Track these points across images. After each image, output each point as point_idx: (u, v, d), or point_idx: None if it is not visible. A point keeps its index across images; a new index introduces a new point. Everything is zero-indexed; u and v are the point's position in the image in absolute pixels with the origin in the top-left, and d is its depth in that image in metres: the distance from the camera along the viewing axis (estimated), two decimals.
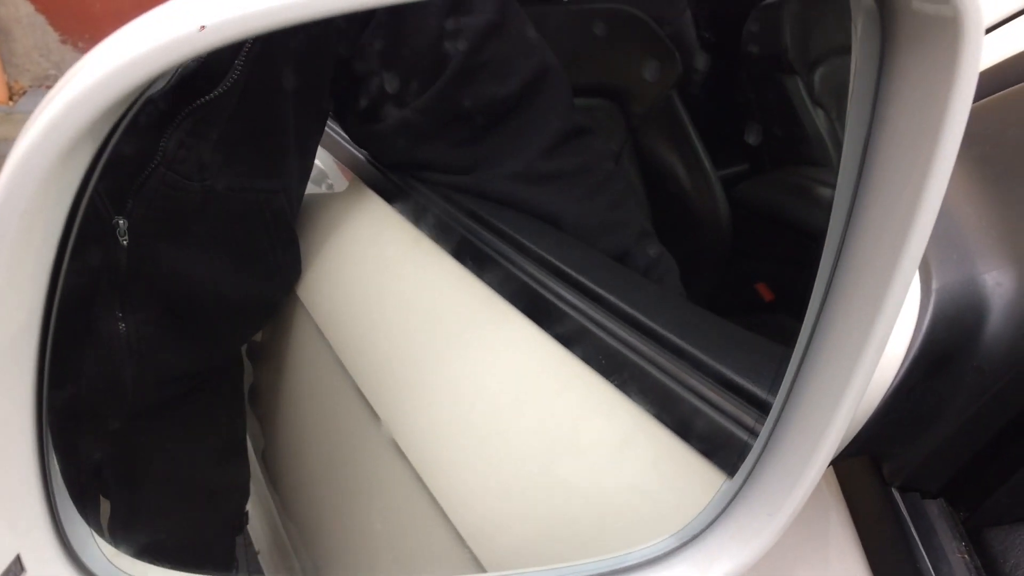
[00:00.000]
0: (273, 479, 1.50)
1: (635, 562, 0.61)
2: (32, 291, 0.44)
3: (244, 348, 1.42)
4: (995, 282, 0.57)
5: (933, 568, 0.54)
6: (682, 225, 1.51)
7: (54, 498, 0.48)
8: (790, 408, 0.57)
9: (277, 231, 1.17)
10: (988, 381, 0.56)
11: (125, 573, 0.53)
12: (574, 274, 0.92)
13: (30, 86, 4.55)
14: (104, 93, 0.38)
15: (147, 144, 0.99)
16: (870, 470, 0.61)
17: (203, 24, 0.37)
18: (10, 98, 4.76)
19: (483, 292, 0.98)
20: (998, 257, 0.58)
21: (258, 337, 1.43)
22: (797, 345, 0.59)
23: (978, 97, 0.45)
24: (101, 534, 0.59)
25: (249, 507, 1.49)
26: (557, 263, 0.94)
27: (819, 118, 1.61)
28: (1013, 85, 0.75)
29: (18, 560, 0.45)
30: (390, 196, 1.20)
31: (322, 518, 1.26)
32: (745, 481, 0.58)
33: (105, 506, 1.27)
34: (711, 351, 0.73)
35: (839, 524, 0.61)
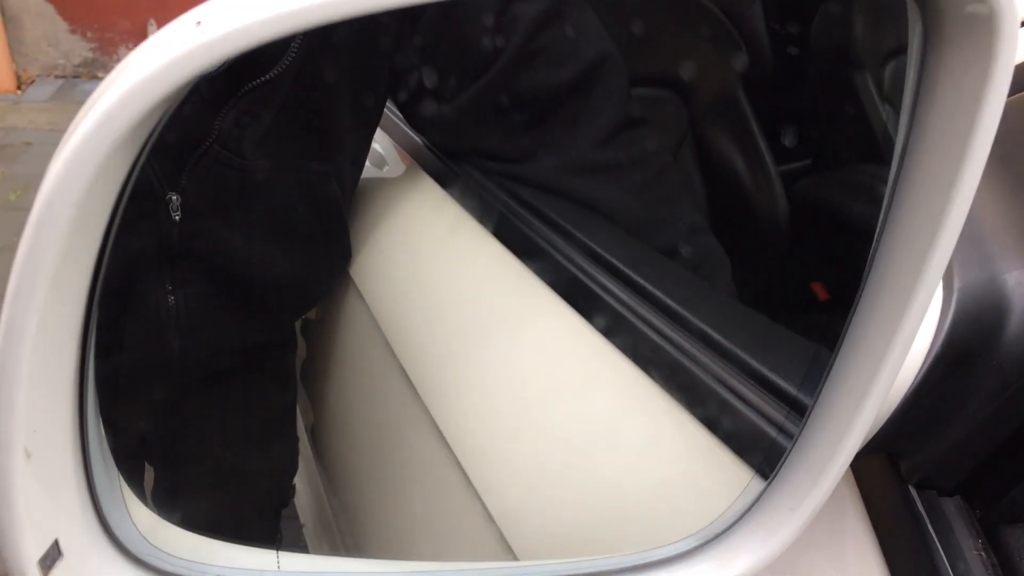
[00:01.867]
0: (320, 454, 1.52)
1: (659, 558, 0.61)
2: (77, 277, 0.45)
3: (299, 325, 1.45)
4: (1016, 282, 0.56)
5: (950, 565, 0.54)
6: (739, 221, 1.49)
7: (92, 474, 0.48)
8: (820, 405, 0.57)
9: (328, 214, 1.18)
10: (1008, 379, 0.55)
11: (159, 549, 0.54)
12: (621, 267, 0.92)
13: (38, 75, 4.59)
14: (158, 86, 0.39)
15: (202, 123, 1.02)
16: (887, 468, 0.60)
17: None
18: (18, 87, 4.80)
19: (531, 281, 0.98)
20: (1020, 257, 0.57)
21: (312, 314, 1.45)
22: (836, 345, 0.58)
23: None
24: (144, 501, 0.60)
25: (296, 481, 1.52)
26: (605, 255, 0.94)
27: (887, 115, 1.57)
28: None
29: (56, 545, 0.45)
30: (446, 182, 1.21)
31: (364, 496, 1.28)
32: (773, 479, 0.58)
33: (149, 476, 1.31)
34: (749, 348, 0.72)
35: (856, 522, 0.61)
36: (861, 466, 0.63)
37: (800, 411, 0.62)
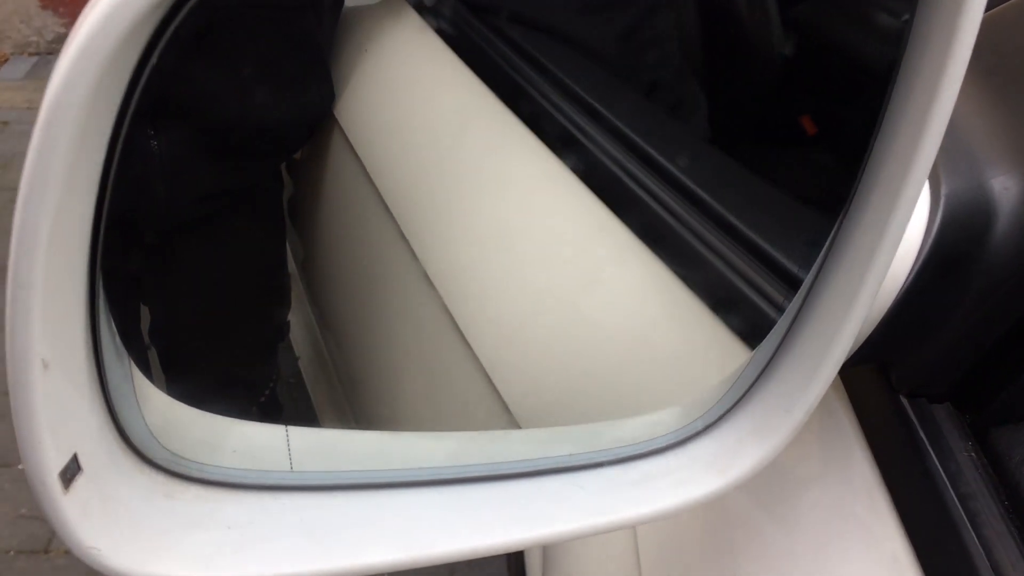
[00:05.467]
0: (312, 291, 1.54)
1: (657, 447, 0.62)
2: (85, 182, 0.45)
3: (284, 164, 1.42)
4: (1002, 187, 0.56)
5: (941, 467, 0.56)
6: (731, 51, 1.45)
7: (106, 381, 0.48)
8: (815, 292, 0.57)
9: (307, 51, 1.14)
10: (995, 284, 0.56)
11: (174, 453, 0.54)
12: (610, 117, 0.90)
13: (12, 53, 4.35)
14: None
15: None
16: (878, 380, 0.61)
17: None
18: None
19: (516, 127, 0.97)
20: (1005, 163, 0.57)
21: (297, 155, 1.43)
22: (835, 224, 0.57)
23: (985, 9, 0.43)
24: (151, 379, 0.60)
25: (291, 316, 1.54)
26: (593, 102, 0.92)
27: None
28: None
29: (75, 459, 0.45)
30: (430, 16, 1.16)
31: (356, 330, 1.30)
32: (765, 368, 0.59)
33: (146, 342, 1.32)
34: (751, 222, 0.72)
35: (849, 432, 0.62)
36: (852, 378, 0.65)
37: (795, 286, 0.63)
